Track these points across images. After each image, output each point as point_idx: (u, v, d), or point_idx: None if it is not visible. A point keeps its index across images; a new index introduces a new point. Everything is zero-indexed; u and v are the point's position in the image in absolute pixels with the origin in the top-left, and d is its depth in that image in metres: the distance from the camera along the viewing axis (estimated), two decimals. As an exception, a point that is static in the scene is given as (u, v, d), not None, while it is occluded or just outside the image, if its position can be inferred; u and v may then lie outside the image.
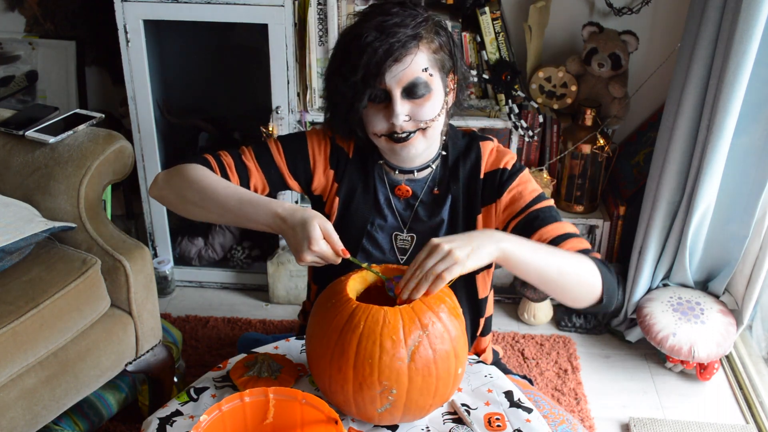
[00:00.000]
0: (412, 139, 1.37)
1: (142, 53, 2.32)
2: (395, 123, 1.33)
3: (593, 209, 2.51)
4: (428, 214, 1.49)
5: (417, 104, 1.34)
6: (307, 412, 1.17)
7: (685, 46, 2.10)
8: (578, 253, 1.33)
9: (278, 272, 2.57)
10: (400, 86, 1.32)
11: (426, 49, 1.33)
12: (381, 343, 1.14)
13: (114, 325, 1.88)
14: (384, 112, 1.35)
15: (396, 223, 1.50)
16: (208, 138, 2.79)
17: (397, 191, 1.49)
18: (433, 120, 1.36)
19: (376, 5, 1.38)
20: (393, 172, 1.48)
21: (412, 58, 1.31)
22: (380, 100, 1.34)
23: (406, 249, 1.50)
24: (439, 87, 1.37)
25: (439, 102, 1.37)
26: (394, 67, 1.30)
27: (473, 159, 1.48)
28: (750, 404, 2.19)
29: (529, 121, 2.38)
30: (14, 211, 1.78)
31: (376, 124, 1.37)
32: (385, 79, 1.31)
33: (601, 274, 1.31)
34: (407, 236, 1.50)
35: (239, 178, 1.45)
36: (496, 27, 2.28)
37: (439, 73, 1.37)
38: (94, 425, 1.98)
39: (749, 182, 2.10)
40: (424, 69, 1.33)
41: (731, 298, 2.29)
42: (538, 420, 1.27)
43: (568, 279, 1.29)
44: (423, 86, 1.33)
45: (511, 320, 2.55)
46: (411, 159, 1.44)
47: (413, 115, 1.35)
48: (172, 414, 1.29)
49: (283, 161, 1.48)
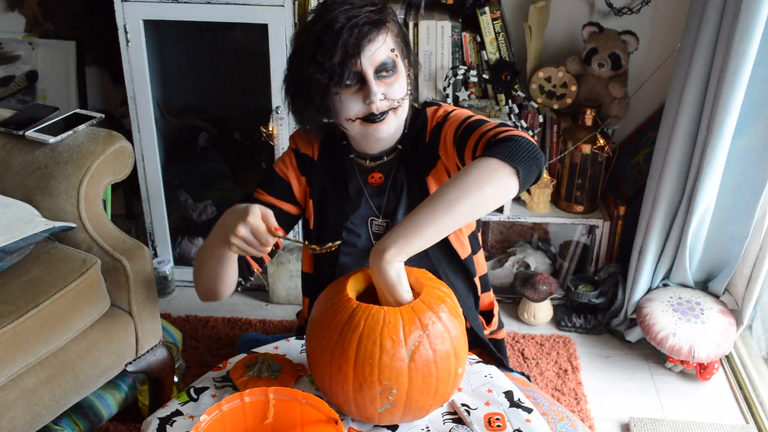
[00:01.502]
0: (386, 118, 1.41)
1: (142, 53, 2.32)
2: (373, 102, 1.37)
3: (593, 209, 2.51)
4: (397, 196, 1.53)
5: (388, 84, 1.39)
6: (307, 412, 1.17)
7: (685, 46, 2.10)
8: (475, 163, 1.26)
9: (278, 272, 2.57)
10: (372, 66, 1.37)
11: (390, 32, 1.41)
12: (381, 343, 1.14)
13: (114, 325, 1.88)
14: (359, 94, 1.39)
15: (371, 211, 1.54)
16: (208, 138, 2.79)
17: (370, 179, 1.54)
18: (403, 98, 1.42)
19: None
20: (365, 162, 1.53)
21: (384, 37, 1.38)
22: (353, 83, 1.38)
23: (380, 234, 1.54)
24: (403, 68, 1.43)
25: (405, 81, 1.43)
26: (368, 47, 1.35)
27: (418, 126, 1.52)
28: (750, 404, 2.19)
29: (529, 121, 2.38)
30: (14, 211, 1.78)
31: (351, 107, 1.40)
32: (360, 60, 1.35)
33: (502, 159, 1.25)
34: (382, 222, 1.54)
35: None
36: (496, 27, 2.28)
37: (401, 55, 1.44)
38: (94, 425, 1.98)
39: (749, 182, 2.10)
40: (392, 49, 1.40)
41: (731, 298, 2.29)
42: (538, 420, 1.27)
43: (477, 202, 1.24)
44: (392, 65, 1.39)
45: (511, 320, 2.55)
46: (382, 142, 1.48)
47: (387, 94, 1.40)
48: (172, 414, 1.29)
49: (271, 197, 1.56)
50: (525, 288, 2.49)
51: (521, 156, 1.26)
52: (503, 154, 1.25)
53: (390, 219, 1.54)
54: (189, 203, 2.71)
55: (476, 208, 1.24)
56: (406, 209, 1.52)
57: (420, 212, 1.23)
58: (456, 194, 1.23)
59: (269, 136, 2.36)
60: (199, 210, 2.72)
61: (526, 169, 1.26)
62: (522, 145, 1.27)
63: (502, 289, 2.65)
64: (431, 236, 1.22)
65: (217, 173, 2.73)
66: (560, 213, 2.50)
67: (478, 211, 1.25)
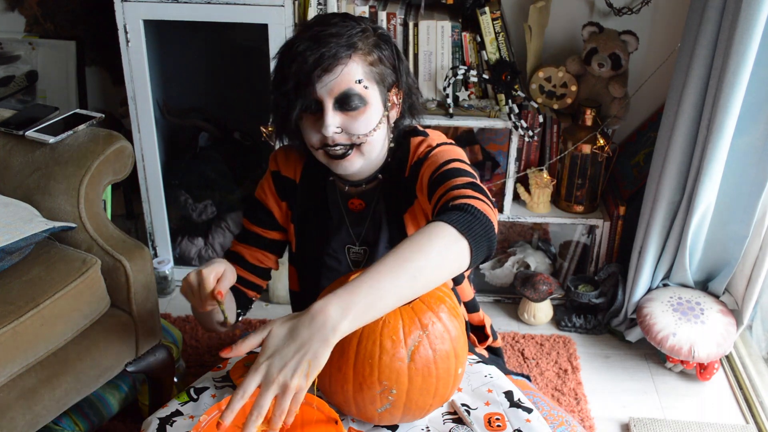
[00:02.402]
0: (348, 157, 1.34)
1: (142, 53, 2.32)
2: (326, 134, 1.30)
3: (593, 209, 2.51)
4: (376, 226, 1.48)
5: (351, 116, 1.31)
6: (307, 412, 1.17)
7: (685, 46, 2.10)
8: (427, 227, 1.13)
9: (278, 272, 2.56)
10: (332, 96, 1.29)
11: (361, 61, 1.30)
12: (381, 343, 1.14)
13: (114, 325, 1.88)
14: (317, 124, 1.32)
15: (350, 238, 1.50)
16: (208, 138, 2.80)
17: (350, 205, 1.49)
18: (367, 135, 1.33)
19: (319, 17, 1.37)
20: (344, 188, 1.48)
21: (342, 68, 1.28)
22: (313, 110, 1.31)
23: (359, 262, 1.51)
24: (377, 101, 1.33)
25: (376, 116, 1.33)
26: (324, 77, 1.27)
27: (399, 158, 1.45)
28: (750, 404, 2.19)
29: (529, 121, 2.38)
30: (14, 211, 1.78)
31: (311, 136, 1.34)
32: (316, 89, 1.28)
33: (458, 230, 1.13)
34: (360, 249, 1.50)
35: (238, 265, 1.54)
36: (496, 27, 2.28)
37: (377, 86, 1.33)
38: (94, 425, 1.98)
39: (749, 182, 2.10)
40: (357, 81, 1.29)
41: (731, 298, 2.29)
42: (538, 420, 1.27)
43: (429, 274, 1.10)
44: (357, 98, 1.29)
45: (511, 320, 2.55)
46: (351, 175, 1.43)
47: (346, 128, 1.31)
48: (172, 414, 1.29)
49: (255, 226, 1.55)
50: (525, 288, 2.49)
51: (477, 233, 1.14)
52: (461, 225, 1.13)
53: (369, 247, 1.49)
54: (189, 203, 2.71)
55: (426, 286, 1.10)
56: (387, 242, 1.46)
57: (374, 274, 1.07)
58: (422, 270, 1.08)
59: (269, 136, 2.36)
60: (199, 210, 2.72)
61: (478, 249, 1.15)
62: (479, 221, 1.15)
63: (502, 289, 2.65)
64: (385, 305, 1.06)
65: (217, 173, 2.73)
66: (560, 213, 2.50)
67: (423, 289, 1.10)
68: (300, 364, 1.01)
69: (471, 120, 2.33)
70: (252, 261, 1.56)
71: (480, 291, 2.64)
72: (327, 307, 1.03)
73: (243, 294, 1.55)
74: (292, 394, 1.01)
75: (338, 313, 1.03)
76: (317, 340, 1.02)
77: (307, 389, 1.02)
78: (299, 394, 1.01)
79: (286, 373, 1.00)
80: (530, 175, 2.48)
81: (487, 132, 2.58)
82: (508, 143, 2.40)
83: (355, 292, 1.05)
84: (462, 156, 1.39)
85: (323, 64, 1.27)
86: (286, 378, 1.00)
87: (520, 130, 2.34)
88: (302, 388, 1.01)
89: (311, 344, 1.02)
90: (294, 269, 1.59)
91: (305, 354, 1.01)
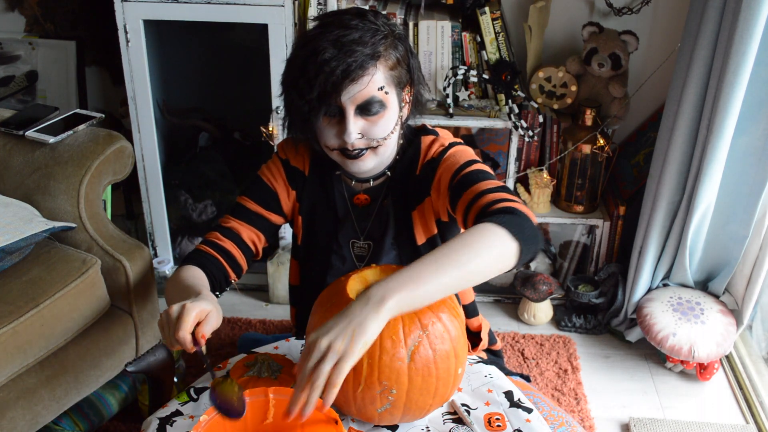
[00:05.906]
0: (363, 156, 1.36)
1: (142, 53, 2.32)
2: (347, 141, 1.32)
3: (593, 209, 2.51)
4: (383, 222, 1.49)
5: (371, 122, 1.33)
6: (307, 412, 1.17)
7: (685, 46, 2.10)
8: (478, 228, 1.18)
9: (278, 272, 2.57)
10: (354, 104, 1.30)
11: (383, 67, 1.31)
12: (381, 343, 1.14)
13: (114, 325, 1.88)
14: (337, 128, 1.33)
15: (354, 233, 1.51)
16: (208, 138, 2.80)
17: (355, 200, 1.50)
18: (385, 138, 1.35)
19: (335, 15, 1.35)
20: (351, 183, 1.49)
21: (369, 78, 1.29)
22: (334, 114, 1.32)
23: (363, 256, 1.52)
24: (395, 104, 1.35)
25: (393, 119, 1.35)
26: (350, 87, 1.28)
27: (410, 156, 1.46)
28: (750, 404, 2.19)
29: (529, 121, 2.38)
30: (14, 211, 1.78)
31: (328, 138, 1.35)
32: (341, 98, 1.29)
33: (510, 232, 1.17)
34: (364, 243, 1.51)
35: (232, 242, 1.48)
36: (496, 27, 2.28)
37: (395, 90, 1.35)
38: (94, 425, 1.98)
39: (749, 182, 2.10)
40: (380, 88, 1.31)
41: (731, 298, 2.29)
42: (538, 420, 1.27)
43: (478, 269, 1.15)
44: (378, 105, 1.31)
45: (511, 320, 2.55)
46: (363, 173, 1.45)
47: (366, 133, 1.33)
48: (172, 414, 1.29)
49: (257, 205, 1.51)
50: (525, 288, 2.49)
51: (528, 235, 1.19)
52: (514, 228, 1.17)
53: (373, 242, 1.50)
54: (189, 203, 2.71)
55: (472, 283, 1.16)
56: (393, 238, 1.48)
57: (423, 265, 1.12)
58: (472, 264, 1.13)
59: (269, 136, 2.36)
60: (199, 210, 2.72)
61: (527, 250, 1.19)
62: (528, 223, 1.21)
63: (502, 289, 2.65)
64: (432, 295, 1.12)
65: (217, 173, 2.73)
66: (560, 213, 2.50)
67: (469, 285, 1.17)
68: (345, 329, 1.06)
69: (471, 120, 2.33)
70: (246, 240, 1.51)
71: (480, 291, 2.64)
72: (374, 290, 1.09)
73: (226, 275, 1.47)
74: (334, 357, 1.04)
75: (385, 288, 1.09)
76: (364, 312, 1.07)
77: (354, 357, 1.05)
78: (342, 362, 1.04)
79: (330, 336, 1.05)
80: (530, 175, 2.48)
81: (487, 132, 2.58)
82: (508, 143, 2.40)
83: (407, 278, 1.10)
84: (476, 156, 1.41)
85: (351, 76, 1.27)
86: (330, 341, 1.05)
87: (520, 130, 2.34)
88: (346, 353, 1.04)
89: (359, 316, 1.07)
90: (296, 262, 1.59)
91: (350, 322, 1.07)
